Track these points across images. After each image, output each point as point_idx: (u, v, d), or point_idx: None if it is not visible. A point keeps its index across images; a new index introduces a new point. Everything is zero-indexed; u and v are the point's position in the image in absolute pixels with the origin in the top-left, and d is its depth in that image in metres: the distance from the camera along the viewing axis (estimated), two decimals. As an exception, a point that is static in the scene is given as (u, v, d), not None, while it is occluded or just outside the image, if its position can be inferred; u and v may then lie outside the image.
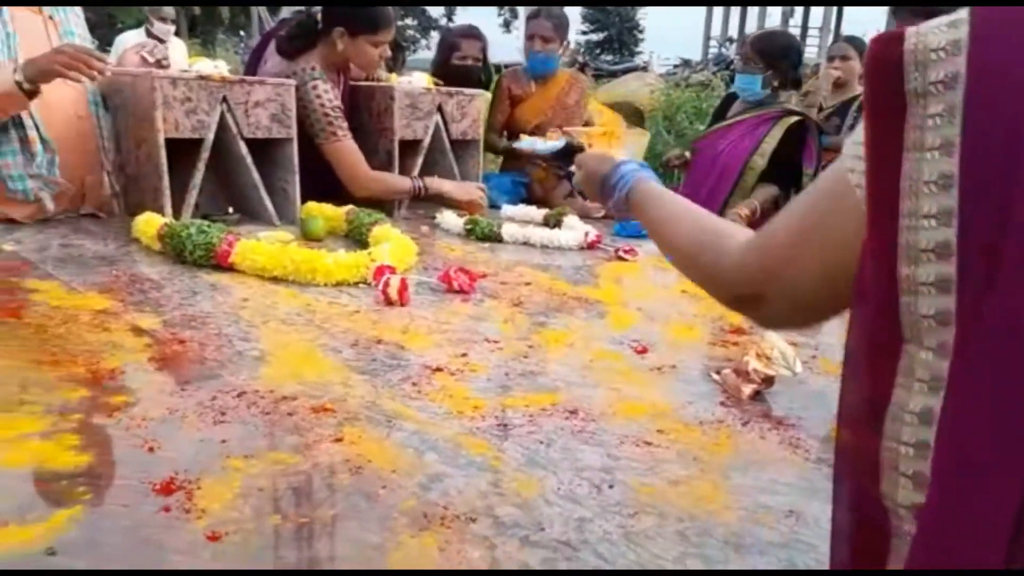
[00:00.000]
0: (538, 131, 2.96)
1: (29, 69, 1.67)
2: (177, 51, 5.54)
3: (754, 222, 2.49)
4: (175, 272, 1.62)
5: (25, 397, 0.97)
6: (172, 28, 5.65)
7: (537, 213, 2.41)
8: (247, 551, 0.70)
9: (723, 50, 15.20)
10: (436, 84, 2.54)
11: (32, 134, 1.83)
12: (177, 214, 1.94)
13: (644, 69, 12.75)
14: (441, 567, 0.69)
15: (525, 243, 2.13)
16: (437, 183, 2.36)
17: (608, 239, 2.19)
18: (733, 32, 18.74)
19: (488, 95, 2.73)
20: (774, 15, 18.00)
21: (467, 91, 2.61)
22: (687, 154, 3.20)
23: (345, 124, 2.25)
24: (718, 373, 1.19)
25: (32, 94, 1.71)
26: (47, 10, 1.91)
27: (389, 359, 1.20)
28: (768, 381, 1.13)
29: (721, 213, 2.61)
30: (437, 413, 1.01)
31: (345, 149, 2.24)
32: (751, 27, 17.45)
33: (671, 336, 1.42)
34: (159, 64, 2.04)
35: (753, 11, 18.85)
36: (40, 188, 1.88)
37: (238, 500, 0.77)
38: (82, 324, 1.26)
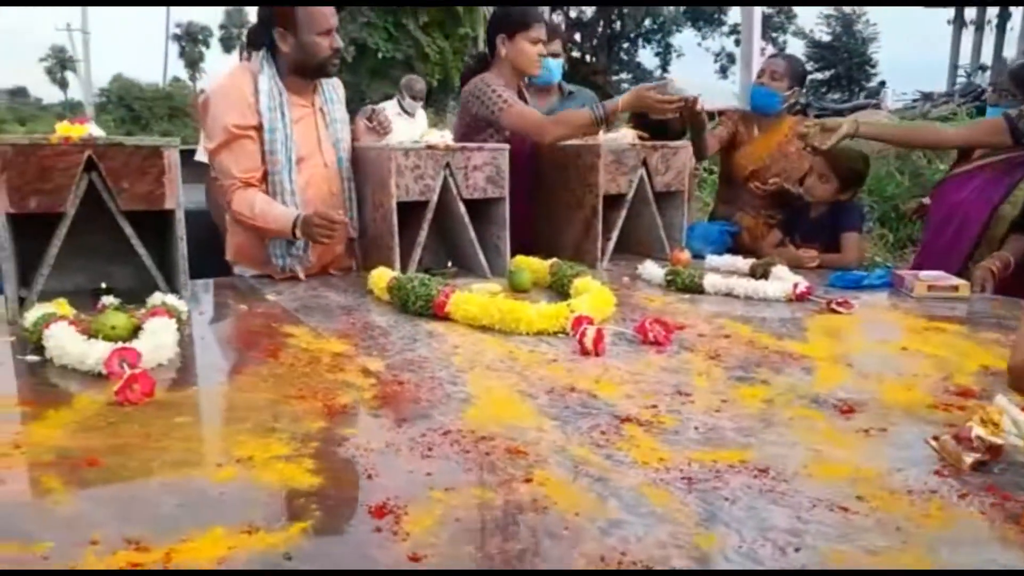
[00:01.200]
0: (754, 177, 2.90)
1: (303, 228, 2.11)
2: (420, 123, 6.23)
3: (1007, 276, 2.23)
4: (400, 320, 1.82)
5: (276, 425, 1.16)
6: (420, 104, 6.38)
7: (743, 263, 2.35)
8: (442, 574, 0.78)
9: (972, 79, 13.67)
10: (641, 138, 2.61)
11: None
12: (404, 268, 2.18)
13: (876, 106, 11.85)
14: (615, 610, 0.72)
15: (728, 294, 2.09)
16: (611, 104, 2.41)
17: (821, 290, 2.08)
18: (987, 59, 16.79)
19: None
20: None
21: (672, 144, 2.65)
22: (925, 201, 2.95)
23: (513, 95, 2.49)
24: (936, 439, 1.09)
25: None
26: (317, 102, 2.27)
27: (580, 407, 1.25)
28: (994, 451, 1.01)
29: (965, 266, 2.36)
30: (623, 462, 1.04)
31: (518, 110, 2.47)
32: (1010, 53, 15.49)
33: (884, 396, 1.32)
34: (382, 128, 2.35)
35: (1013, 34, 16.75)
36: (295, 264, 2.23)
37: (437, 527, 0.87)
38: (323, 365, 1.46)
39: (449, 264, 2.37)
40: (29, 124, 21.66)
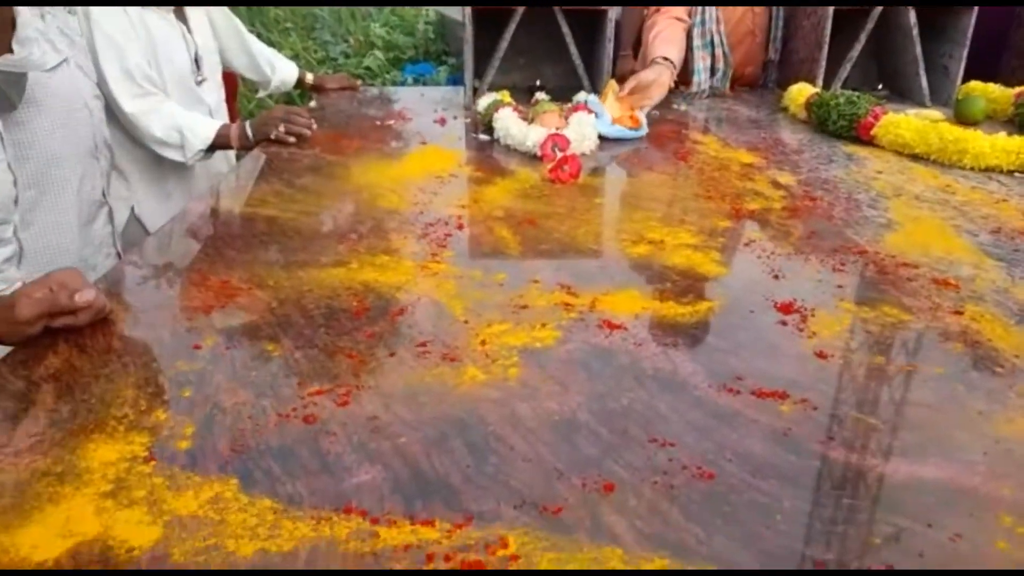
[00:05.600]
0: None
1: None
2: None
3: None
4: (816, 139, 1.70)
5: (684, 218, 1.21)
6: None
7: None
8: (848, 374, 0.77)
9: None
10: None
11: (718, 51, 2.13)
12: (827, 86, 1.99)
13: None
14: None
15: None
16: None
17: None
18: None
19: None
20: None
21: None
22: None
23: None
24: None
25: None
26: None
27: (1037, 252, 1.06)
28: None
29: None
30: (1089, 317, 0.87)
31: None
32: None
33: None
34: None
35: None
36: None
37: (846, 333, 0.84)
38: (731, 172, 1.45)
39: (880, 86, 2.10)
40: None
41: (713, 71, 2.16)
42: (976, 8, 1.89)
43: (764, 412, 0.69)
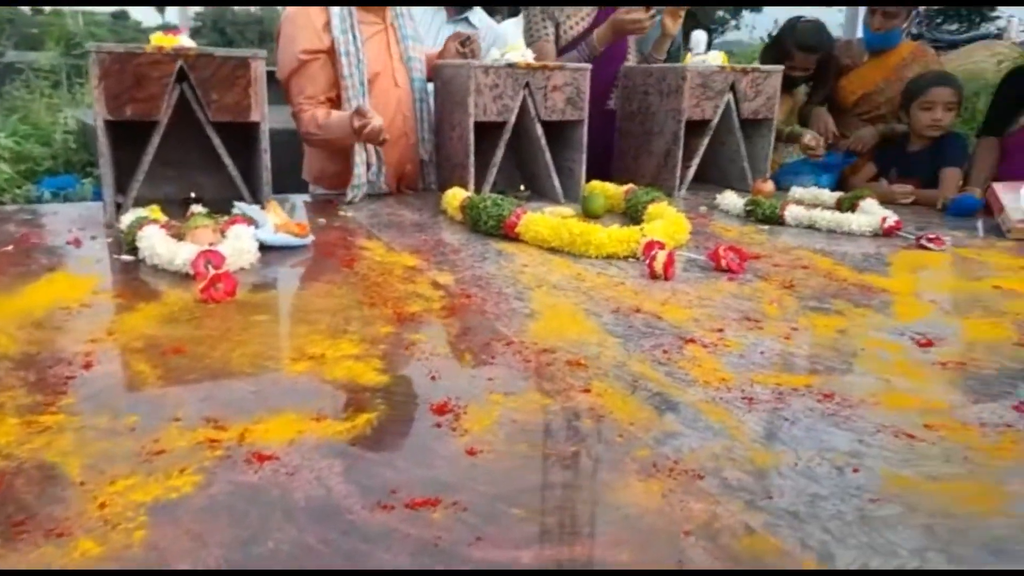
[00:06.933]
0: (863, 102, 2.74)
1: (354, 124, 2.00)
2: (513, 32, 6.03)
3: None
4: (471, 239, 1.84)
5: (348, 328, 1.21)
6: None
7: (829, 196, 2.25)
8: (496, 467, 0.81)
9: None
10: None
11: (369, 147, 2.20)
12: (478, 190, 2.18)
13: (998, 36, 10.85)
14: (663, 511, 0.73)
15: (810, 227, 2.02)
16: (592, 39, 2.46)
17: (912, 227, 1.97)
18: None
19: None
20: None
21: (764, 67, 2.52)
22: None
23: (550, 28, 2.57)
24: None
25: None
26: (388, 17, 2.26)
27: (644, 327, 1.25)
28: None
29: None
30: (683, 380, 1.04)
31: (538, 45, 2.53)
32: None
33: (968, 332, 1.26)
34: (472, 56, 2.29)
35: None
36: (366, 194, 2.27)
37: (495, 426, 0.89)
38: (395, 276, 1.50)
39: (522, 187, 2.36)
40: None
41: (368, 165, 2.23)
42: (585, 122, 2.25)
43: (416, 524, 0.69)
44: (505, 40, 2.74)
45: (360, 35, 2.15)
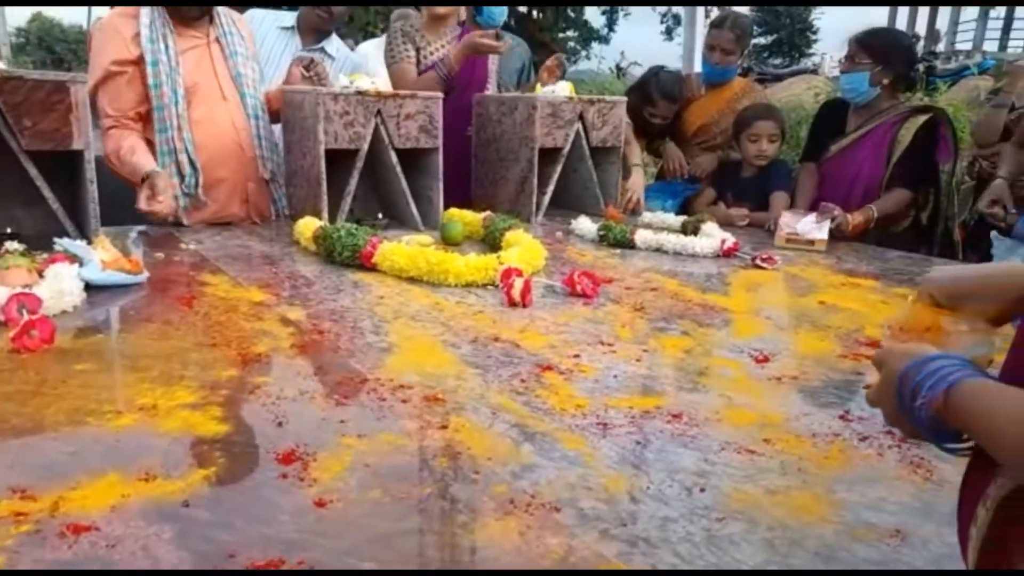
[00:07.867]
0: (702, 132, 2.92)
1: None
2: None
3: (871, 230, 2.33)
4: (325, 271, 1.78)
5: (184, 373, 1.12)
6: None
7: (675, 220, 2.38)
8: (346, 518, 0.76)
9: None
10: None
11: (183, 158, 2.09)
12: (333, 219, 2.11)
13: (814, 72, 12.06)
14: (520, 550, 0.72)
15: (658, 250, 2.11)
16: (449, 59, 2.49)
17: (748, 248, 2.12)
18: (921, 29, 17.18)
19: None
20: (972, 9, 16.27)
21: (609, 98, 2.63)
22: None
23: (410, 50, 2.60)
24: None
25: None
26: (212, 34, 2.16)
27: (503, 356, 1.24)
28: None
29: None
30: (540, 409, 1.04)
31: (397, 68, 2.58)
32: (943, 24, 15.91)
33: (798, 347, 1.35)
34: (318, 79, 2.24)
35: (946, 8, 17.15)
36: (184, 207, 2.14)
37: (346, 473, 0.85)
38: (240, 314, 1.41)
39: (380, 215, 2.32)
40: (-62, 64, 20.11)
41: (183, 176, 2.10)
42: (440, 149, 2.24)
43: (256, 591, 0.64)
44: (366, 62, 2.71)
45: (174, 46, 2.06)
